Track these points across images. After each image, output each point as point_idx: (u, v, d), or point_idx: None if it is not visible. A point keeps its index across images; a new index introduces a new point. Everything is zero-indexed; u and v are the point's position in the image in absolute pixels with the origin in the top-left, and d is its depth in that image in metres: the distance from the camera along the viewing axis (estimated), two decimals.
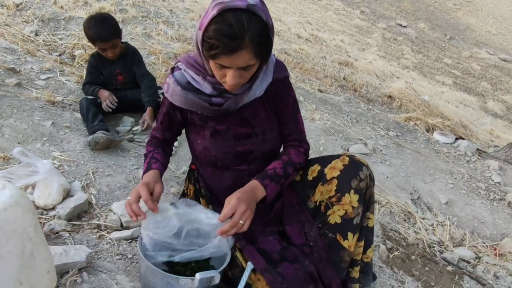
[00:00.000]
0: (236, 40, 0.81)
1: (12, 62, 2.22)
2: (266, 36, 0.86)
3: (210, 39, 0.83)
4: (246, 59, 0.85)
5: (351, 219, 1.03)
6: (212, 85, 0.99)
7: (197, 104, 1.02)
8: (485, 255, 1.88)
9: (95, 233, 1.17)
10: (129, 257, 1.10)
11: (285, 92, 1.10)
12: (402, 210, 2.00)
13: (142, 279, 0.99)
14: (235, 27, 0.81)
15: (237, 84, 0.92)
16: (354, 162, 1.05)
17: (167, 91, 1.05)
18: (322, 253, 1.04)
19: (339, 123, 2.82)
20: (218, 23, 0.81)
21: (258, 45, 0.84)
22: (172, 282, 0.91)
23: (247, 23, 0.82)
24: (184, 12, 4.39)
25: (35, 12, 3.02)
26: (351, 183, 1.02)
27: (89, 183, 1.40)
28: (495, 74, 8.21)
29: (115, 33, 1.82)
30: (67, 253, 0.94)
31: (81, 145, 1.62)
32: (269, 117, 1.10)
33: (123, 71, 1.98)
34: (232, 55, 0.83)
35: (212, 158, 1.08)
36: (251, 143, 1.08)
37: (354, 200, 1.02)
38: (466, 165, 2.76)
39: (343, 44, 6.15)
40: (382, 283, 1.36)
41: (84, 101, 1.82)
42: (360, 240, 1.09)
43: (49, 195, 1.22)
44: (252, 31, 0.82)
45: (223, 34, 0.81)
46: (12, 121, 1.61)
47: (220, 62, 0.86)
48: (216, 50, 0.83)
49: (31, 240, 0.71)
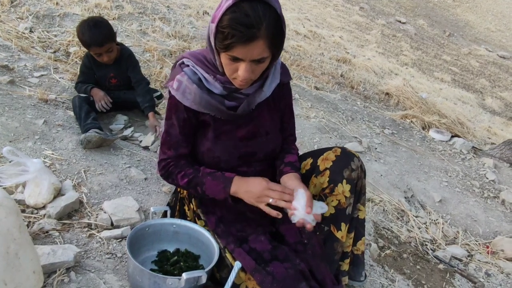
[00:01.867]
0: (252, 29, 0.81)
1: (6, 59, 2.21)
2: (279, 28, 0.86)
3: (225, 28, 0.82)
4: (260, 50, 0.84)
5: (344, 209, 1.05)
6: (222, 84, 0.96)
7: (212, 105, 0.97)
8: (478, 253, 1.89)
9: (85, 232, 1.18)
10: (119, 256, 1.11)
11: (288, 95, 1.14)
12: (396, 208, 2.01)
13: (130, 279, 0.99)
14: (251, 16, 0.80)
15: (248, 80, 0.90)
16: (346, 153, 1.07)
17: (178, 90, 0.97)
18: (316, 250, 1.04)
19: (334, 121, 2.82)
20: (234, 13, 0.81)
21: (272, 36, 0.84)
22: (159, 281, 0.91)
23: (262, 13, 0.81)
24: (181, 8, 4.36)
25: (30, 8, 3.00)
26: (343, 173, 1.04)
27: (80, 182, 1.40)
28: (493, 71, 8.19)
29: (109, 37, 1.79)
30: (54, 253, 0.94)
31: (73, 144, 1.61)
32: (273, 118, 1.10)
33: (117, 75, 1.97)
34: (247, 45, 0.82)
35: (216, 160, 1.05)
36: (255, 144, 1.07)
37: (346, 190, 1.04)
38: (461, 163, 2.76)
39: (342, 41, 6.12)
40: (372, 281, 1.37)
41: (76, 99, 1.81)
42: (350, 232, 1.11)
43: (39, 194, 1.22)
44: (268, 21, 0.82)
45: (239, 23, 0.80)
46: (3, 120, 1.61)
47: (234, 54, 0.85)
48: (232, 40, 0.82)
49: (15, 241, 0.71)
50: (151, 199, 1.42)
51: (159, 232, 1.11)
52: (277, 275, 0.95)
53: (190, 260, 1.08)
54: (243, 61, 0.86)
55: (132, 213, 1.25)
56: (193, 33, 3.63)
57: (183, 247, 1.12)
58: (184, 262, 1.06)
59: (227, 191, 0.97)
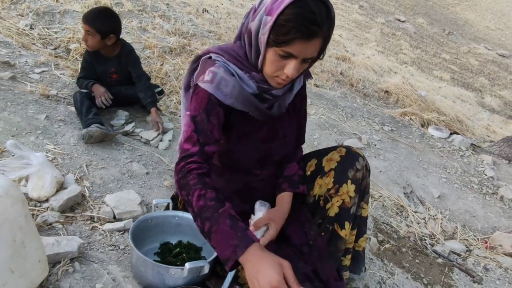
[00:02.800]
0: (315, 26, 0.80)
1: (7, 55, 2.21)
2: (331, 31, 0.87)
3: (289, 22, 0.79)
4: (316, 49, 0.84)
5: (348, 208, 1.05)
6: (257, 83, 0.91)
7: (251, 102, 0.91)
8: (476, 248, 1.91)
9: (88, 224, 1.19)
10: (121, 248, 1.12)
11: (305, 97, 1.15)
12: (395, 204, 2.03)
13: (134, 269, 1.00)
14: (316, 14, 0.80)
15: (291, 78, 0.87)
16: (351, 153, 1.07)
17: (212, 82, 0.88)
18: (321, 251, 1.05)
19: (334, 117, 2.83)
20: (300, 8, 0.79)
21: (327, 38, 0.85)
22: (162, 271, 0.92)
23: (325, 12, 0.82)
24: (181, 6, 4.37)
25: (30, 5, 3.00)
26: (348, 173, 1.04)
27: (82, 176, 1.41)
28: (493, 69, 8.21)
29: (97, 25, 1.78)
30: (59, 244, 0.96)
31: (75, 138, 1.62)
32: (291, 120, 1.10)
33: (118, 70, 1.98)
34: (307, 42, 0.81)
35: (235, 162, 1.03)
36: (273, 147, 1.06)
37: (351, 190, 1.04)
38: (460, 160, 2.78)
39: (341, 39, 6.13)
40: (372, 274, 1.38)
41: (78, 94, 1.82)
42: (353, 229, 1.12)
43: (42, 187, 1.23)
44: (328, 23, 0.83)
45: (305, 17, 0.79)
46: (6, 114, 1.62)
47: (290, 50, 0.82)
48: (294, 34, 0.80)
49: (21, 230, 0.73)
50: (153, 193, 1.43)
51: (162, 224, 1.12)
52: None
53: (192, 252, 1.09)
54: (294, 59, 0.84)
55: (134, 206, 1.26)
56: (193, 30, 3.64)
57: (185, 239, 1.13)
58: (186, 254, 1.07)
59: (238, 254, 0.74)
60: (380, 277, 1.39)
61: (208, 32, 3.84)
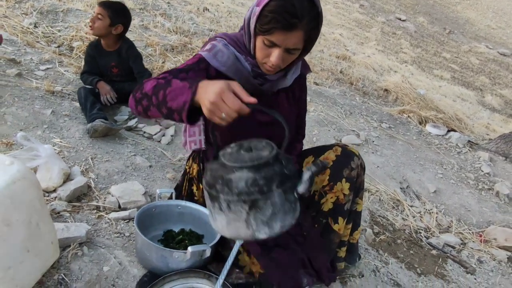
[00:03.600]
0: (295, 19, 0.85)
1: (12, 53, 2.27)
2: (317, 26, 0.91)
3: (271, 12, 0.86)
4: (297, 40, 0.89)
5: (342, 204, 1.10)
6: (251, 66, 0.99)
7: (242, 73, 0.98)
8: (471, 241, 1.95)
9: (94, 213, 1.24)
10: (127, 235, 1.17)
11: (304, 88, 1.19)
12: (391, 198, 2.07)
13: (139, 254, 1.05)
14: (296, 7, 0.85)
15: (277, 67, 0.94)
16: (346, 152, 1.11)
17: (210, 51, 0.97)
18: (314, 242, 1.11)
19: (333, 114, 2.88)
20: (282, 1, 0.86)
21: (310, 31, 0.89)
22: (166, 255, 0.98)
23: (307, 7, 0.87)
24: (181, 4, 4.42)
25: (34, 4, 3.06)
26: (343, 172, 1.09)
27: (88, 168, 1.46)
28: (493, 68, 8.22)
29: (111, 11, 1.85)
30: (68, 229, 1.01)
31: (80, 133, 1.68)
32: (291, 109, 1.15)
33: (118, 65, 2.03)
34: (286, 33, 0.87)
35: (232, 141, 1.09)
36: (271, 130, 1.09)
37: (345, 188, 1.09)
38: (457, 156, 2.83)
39: (342, 38, 6.17)
40: (366, 263, 1.43)
41: (82, 90, 1.88)
42: (348, 223, 1.17)
43: (50, 178, 1.28)
44: (310, 16, 0.87)
45: (285, 10, 0.85)
46: (14, 109, 1.67)
47: (272, 39, 0.88)
48: (274, 25, 0.86)
49: (37, 212, 0.78)
50: (156, 185, 1.48)
51: (165, 213, 1.17)
52: (280, 260, 1.02)
53: (194, 239, 1.14)
54: (278, 48, 0.90)
55: (138, 196, 1.32)
56: (194, 29, 3.69)
57: (188, 227, 1.18)
58: (188, 241, 1.12)
59: (193, 89, 0.75)
60: (374, 265, 1.44)
61: (209, 30, 3.88)
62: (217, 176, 0.69)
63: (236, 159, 0.70)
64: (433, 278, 1.55)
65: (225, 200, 0.67)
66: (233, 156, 0.72)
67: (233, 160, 0.70)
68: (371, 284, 1.35)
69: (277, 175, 0.69)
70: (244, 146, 0.76)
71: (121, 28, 1.91)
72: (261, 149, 0.74)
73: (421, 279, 1.51)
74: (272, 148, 0.74)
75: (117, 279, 1.00)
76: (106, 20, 1.86)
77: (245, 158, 0.70)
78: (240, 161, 0.70)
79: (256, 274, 1.03)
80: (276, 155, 0.72)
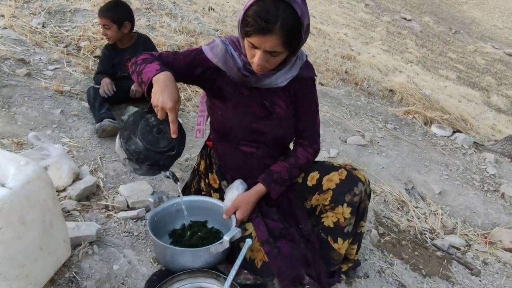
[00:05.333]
0: (268, 24, 0.91)
1: (22, 53, 2.30)
2: (296, 30, 0.95)
3: (248, 17, 0.93)
4: (273, 44, 0.93)
5: (342, 227, 1.12)
6: (244, 63, 1.07)
7: (229, 65, 1.09)
8: (476, 243, 1.95)
9: (103, 212, 1.26)
10: (135, 235, 1.19)
11: (307, 91, 1.19)
12: (396, 199, 2.08)
13: (171, 264, 1.04)
14: (270, 12, 0.91)
15: (262, 67, 1.00)
16: (351, 177, 1.11)
17: (208, 45, 1.11)
18: (315, 246, 1.14)
19: (338, 115, 2.88)
20: (258, 6, 0.92)
21: (287, 35, 0.93)
22: (202, 253, 1.00)
23: (282, 12, 0.91)
24: (187, 4, 4.43)
25: (42, 4, 3.09)
26: (344, 197, 1.10)
27: (97, 168, 1.49)
28: (500, 68, 8.15)
29: (112, 16, 1.88)
30: (79, 228, 1.03)
31: (88, 132, 1.70)
32: (288, 109, 1.17)
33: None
34: (262, 36, 0.93)
35: (228, 129, 1.14)
36: (266, 125, 1.14)
37: (346, 212, 1.11)
38: (462, 158, 2.82)
39: (347, 38, 6.15)
40: (371, 264, 1.44)
41: (91, 90, 1.90)
42: (354, 244, 1.20)
43: (60, 177, 1.31)
44: (284, 20, 0.91)
45: (259, 15, 0.91)
46: (24, 109, 1.70)
47: (252, 41, 0.96)
48: (250, 28, 0.93)
49: (50, 211, 0.80)
50: (163, 185, 1.50)
51: (164, 216, 1.17)
52: (284, 250, 1.04)
53: (201, 226, 1.17)
54: (258, 49, 0.96)
55: (146, 196, 1.34)
56: (200, 29, 3.71)
57: (188, 221, 1.19)
58: (199, 231, 1.15)
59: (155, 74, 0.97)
60: (379, 266, 1.45)
61: (215, 30, 3.90)
62: (128, 128, 0.99)
63: (144, 131, 0.97)
64: (438, 279, 1.55)
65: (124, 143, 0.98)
66: (146, 128, 0.98)
67: (142, 130, 0.97)
68: (376, 285, 1.36)
69: (152, 160, 0.98)
70: (162, 128, 0.99)
71: (129, 24, 1.95)
72: (165, 138, 0.99)
73: (426, 281, 1.52)
74: (168, 145, 0.99)
75: (127, 277, 1.02)
76: (113, 26, 1.91)
77: (146, 137, 0.97)
78: (142, 134, 0.96)
79: (258, 263, 1.04)
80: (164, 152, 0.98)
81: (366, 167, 2.27)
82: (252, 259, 1.04)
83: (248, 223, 1.09)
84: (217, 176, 1.23)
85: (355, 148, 2.45)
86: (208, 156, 1.28)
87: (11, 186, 0.73)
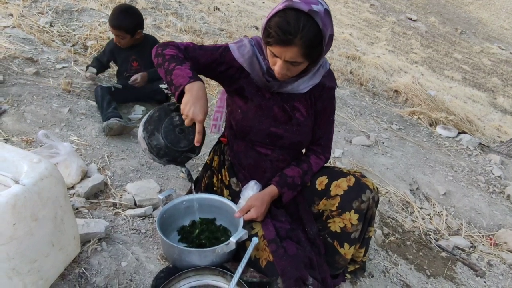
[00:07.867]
0: (288, 36, 0.92)
1: (30, 52, 2.33)
2: (317, 43, 0.96)
3: (270, 28, 0.95)
4: (293, 55, 0.95)
5: (349, 233, 1.13)
6: (267, 67, 1.09)
7: (254, 66, 1.10)
8: (481, 244, 1.95)
9: (111, 210, 1.28)
10: (143, 232, 1.21)
11: (327, 100, 1.20)
12: (401, 200, 2.08)
13: (178, 263, 1.05)
14: (291, 24, 0.92)
15: (283, 75, 1.02)
16: (359, 184, 1.12)
17: (236, 44, 1.11)
18: (320, 250, 1.15)
19: (343, 115, 2.88)
20: (280, 17, 0.93)
21: (307, 47, 0.94)
22: (208, 254, 1.01)
23: (303, 24, 0.92)
24: (192, 4, 4.45)
25: (50, 3, 3.13)
26: (352, 203, 1.10)
27: (104, 166, 1.50)
28: (506, 69, 8.09)
29: (125, 27, 1.94)
30: (88, 225, 1.05)
31: (96, 131, 1.72)
32: (308, 115, 1.18)
33: (139, 58, 2.09)
34: (282, 48, 0.94)
35: (247, 129, 1.15)
36: (285, 129, 1.16)
37: (353, 219, 1.11)
38: (467, 159, 2.81)
39: (352, 38, 6.14)
40: (376, 263, 1.45)
41: (99, 89, 1.92)
42: (362, 248, 1.22)
43: (69, 175, 1.32)
44: (305, 33, 0.92)
45: (280, 27, 0.93)
46: (33, 108, 1.72)
47: (273, 50, 0.98)
48: (271, 39, 0.95)
49: (61, 208, 0.82)
50: (170, 183, 1.52)
51: (174, 213, 1.19)
52: (289, 251, 1.05)
53: (209, 224, 1.18)
54: (279, 58, 0.98)
55: (154, 194, 1.35)
56: (205, 28, 3.72)
57: (197, 218, 1.21)
58: (207, 229, 1.16)
59: (189, 81, 0.96)
60: (384, 266, 1.45)
61: (220, 30, 3.91)
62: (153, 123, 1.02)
63: (167, 130, 1.02)
64: (443, 280, 1.56)
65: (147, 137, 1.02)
66: (170, 127, 1.03)
67: (165, 128, 1.02)
68: (381, 284, 1.36)
69: (171, 156, 1.03)
70: (185, 129, 1.04)
71: (141, 32, 2.01)
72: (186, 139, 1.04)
73: (430, 281, 1.52)
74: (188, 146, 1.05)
75: (135, 274, 1.04)
76: (126, 36, 1.97)
77: (169, 135, 1.02)
78: (165, 133, 1.01)
79: (263, 262, 1.05)
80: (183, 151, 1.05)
81: (371, 167, 2.28)
82: (256, 258, 1.05)
83: (256, 222, 1.11)
84: (228, 173, 1.24)
85: (360, 149, 2.45)
86: (222, 152, 1.29)
87: (24, 183, 0.75)
